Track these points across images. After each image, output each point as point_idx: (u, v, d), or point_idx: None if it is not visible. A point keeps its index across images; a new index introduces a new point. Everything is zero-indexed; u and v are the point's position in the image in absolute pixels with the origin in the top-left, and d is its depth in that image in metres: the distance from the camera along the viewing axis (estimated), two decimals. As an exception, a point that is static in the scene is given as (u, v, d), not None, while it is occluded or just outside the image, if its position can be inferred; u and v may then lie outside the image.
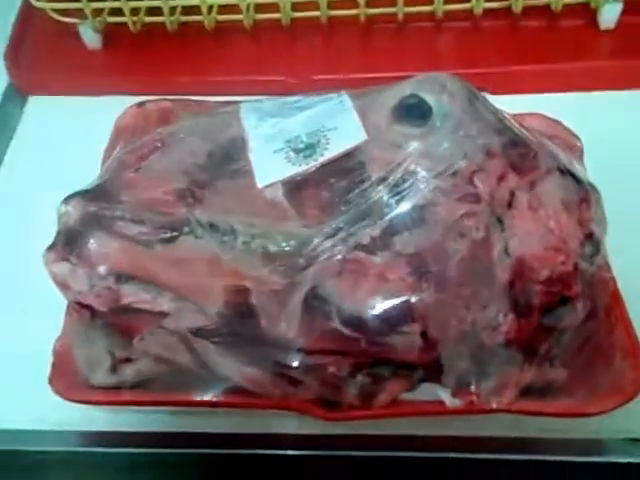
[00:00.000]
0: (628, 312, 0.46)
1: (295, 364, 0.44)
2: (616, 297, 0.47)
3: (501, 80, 0.66)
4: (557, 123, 0.57)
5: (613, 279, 0.47)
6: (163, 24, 0.68)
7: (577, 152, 0.55)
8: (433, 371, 0.44)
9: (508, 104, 0.51)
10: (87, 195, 0.48)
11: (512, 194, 0.45)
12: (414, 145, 0.46)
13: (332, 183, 0.46)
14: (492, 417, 0.45)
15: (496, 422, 0.46)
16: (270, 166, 0.47)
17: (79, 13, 0.67)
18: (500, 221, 0.45)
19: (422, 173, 0.45)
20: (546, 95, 0.66)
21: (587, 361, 0.45)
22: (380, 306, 0.43)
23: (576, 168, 0.49)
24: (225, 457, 0.47)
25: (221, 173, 0.48)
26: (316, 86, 0.60)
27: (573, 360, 0.46)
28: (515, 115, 0.51)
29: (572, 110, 0.59)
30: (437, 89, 0.47)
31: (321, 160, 0.47)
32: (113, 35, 0.70)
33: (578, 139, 0.56)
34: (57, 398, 0.46)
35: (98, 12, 0.67)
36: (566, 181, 0.46)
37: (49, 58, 0.71)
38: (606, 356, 0.45)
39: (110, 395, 0.47)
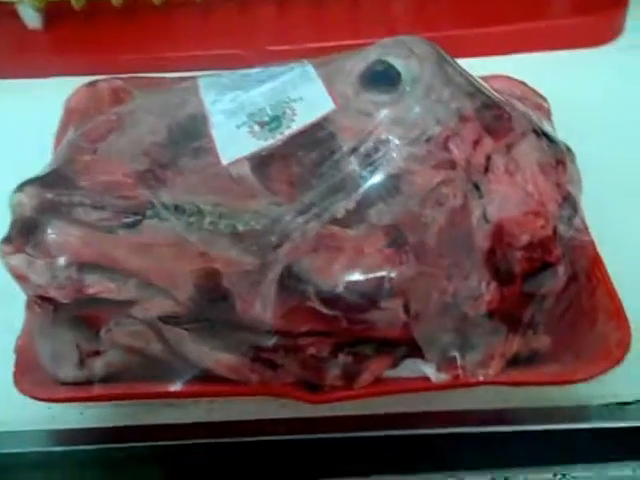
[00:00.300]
0: (608, 273, 0.45)
1: (273, 347, 0.42)
2: (596, 259, 0.46)
3: (460, 43, 0.64)
4: (522, 84, 0.56)
5: (591, 241, 0.46)
6: (108, 0, 0.65)
7: (545, 113, 0.53)
8: (416, 346, 0.43)
9: (469, 67, 0.49)
10: (42, 181, 0.46)
11: (488, 158, 0.44)
12: (384, 112, 0.44)
13: (301, 156, 0.44)
14: (476, 390, 0.43)
15: (480, 395, 0.45)
16: (234, 142, 0.45)
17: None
18: (477, 187, 0.43)
19: (394, 141, 0.43)
20: (506, 56, 0.65)
21: (571, 326, 0.45)
22: (358, 281, 0.41)
23: (548, 129, 0.48)
24: (205, 447, 0.46)
25: (183, 152, 0.46)
26: (271, 57, 0.58)
27: (556, 326, 0.45)
28: (479, 77, 0.49)
29: (534, 70, 0.58)
30: (404, 53, 0.46)
31: (288, 132, 0.45)
32: (55, 13, 0.67)
33: (544, 99, 0.55)
34: (23, 397, 0.43)
35: (37, -11, 0.64)
36: (541, 143, 0.45)
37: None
38: (589, 320, 0.44)
39: (79, 391, 0.44)
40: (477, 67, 0.53)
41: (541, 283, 0.44)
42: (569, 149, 0.47)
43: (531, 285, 0.44)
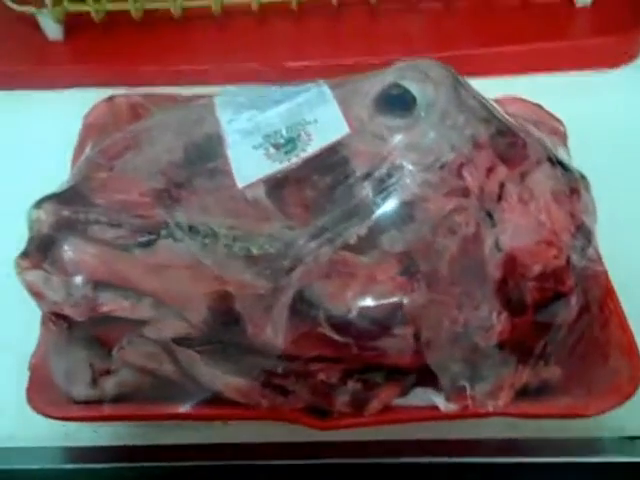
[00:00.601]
0: (621, 305, 0.45)
1: (283, 372, 0.42)
2: (609, 290, 0.46)
3: (477, 61, 0.64)
4: (538, 107, 0.56)
5: (605, 271, 0.46)
6: (127, 12, 0.65)
7: (561, 137, 0.53)
8: (426, 375, 0.43)
9: (485, 87, 0.49)
10: (59, 198, 0.46)
11: (502, 186, 0.44)
12: (399, 137, 0.44)
13: (315, 180, 0.44)
14: (487, 419, 0.43)
15: (491, 424, 0.45)
16: (250, 163, 0.45)
17: (38, 1, 0.64)
18: (490, 215, 0.43)
19: (408, 167, 0.43)
20: (523, 76, 0.65)
21: (582, 358, 0.44)
22: (370, 308, 0.41)
23: (563, 155, 0.48)
24: (212, 469, 0.46)
25: (199, 172, 0.46)
26: (288, 73, 0.59)
27: (568, 358, 0.44)
28: (494, 100, 0.49)
29: (551, 91, 0.58)
30: (420, 77, 0.46)
31: (303, 156, 0.45)
32: (75, 24, 0.67)
33: (561, 123, 0.55)
34: (35, 414, 0.44)
35: (58, 0, 0.64)
36: (556, 171, 0.45)
37: (7, 50, 0.68)
38: (601, 353, 0.44)
39: (91, 410, 0.44)
40: (493, 87, 0.53)
41: (553, 313, 0.43)
42: (584, 177, 0.46)
43: (543, 315, 0.43)
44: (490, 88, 0.51)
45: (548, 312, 0.43)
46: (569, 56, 0.65)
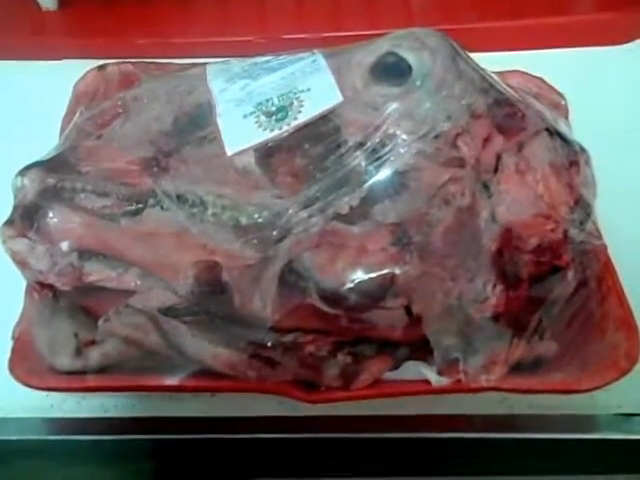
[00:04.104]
0: (620, 280, 0.44)
1: (271, 344, 0.41)
2: (607, 265, 0.45)
3: (478, 36, 0.62)
4: (540, 80, 0.54)
5: (604, 246, 0.45)
6: (123, -18, 0.64)
7: (562, 111, 0.52)
8: (417, 349, 0.42)
9: (485, 62, 0.48)
10: (45, 166, 0.45)
11: (498, 157, 0.43)
12: (393, 106, 0.43)
13: (306, 149, 0.43)
14: (479, 394, 0.42)
15: (483, 399, 0.44)
16: (240, 132, 0.44)
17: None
18: (486, 186, 0.42)
19: (402, 136, 0.42)
20: (525, 52, 0.63)
21: (578, 333, 0.43)
22: (361, 279, 0.40)
23: (563, 128, 0.47)
24: (199, 442, 0.45)
25: (188, 140, 0.45)
26: (286, 46, 0.57)
27: (564, 333, 0.43)
28: (495, 73, 0.48)
29: (554, 67, 0.57)
30: (416, 46, 0.45)
31: (294, 124, 0.44)
32: (70, -6, 0.66)
33: (562, 97, 0.53)
34: (18, 385, 0.43)
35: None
36: (555, 143, 0.44)
37: (1, 21, 0.67)
38: (598, 328, 0.43)
39: (75, 381, 0.43)
40: (495, 62, 0.52)
41: (549, 288, 0.42)
42: (584, 150, 0.45)
43: (539, 289, 0.42)
44: (493, 62, 0.51)
45: (544, 286, 0.42)
46: (572, 32, 0.63)
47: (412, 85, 0.43)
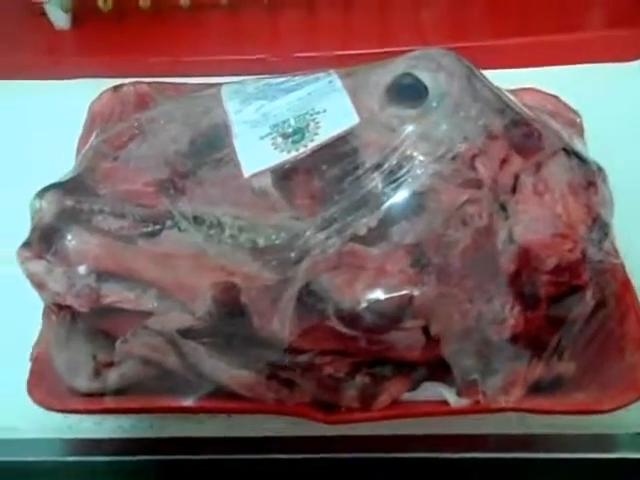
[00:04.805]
0: (639, 299, 0.44)
1: (289, 365, 0.41)
2: (626, 284, 0.45)
3: (492, 53, 0.63)
4: (554, 98, 0.54)
5: (622, 265, 0.45)
6: (135, 1, 0.64)
7: (577, 129, 0.52)
8: (436, 369, 0.42)
9: (500, 79, 0.48)
10: (62, 188, 0.45)
11: (516, 178, 0.43)
12: (410, 128, 0.43)
13: (324, 170, 0.43)
14: (498, 415, 0.42)
15: (502, 419, 0.44)
16: (257, 153, 0.45)
17: (46, -10, 0.64)
18: (504, 207, 0.42)
19: (420, 158, 0.42)
20: (540, 69, 0.64)
21: (597, 353, 0.43)
22: (379, 300, 0.40)
23: (579, 147, 0.47)
24: (216, 462, 0.45)
25: (204, 162, 0.45)
26: (299, 64, 0.58)
27: (583, 353, 0.43)
28: (508, 91, 0.48)
29: (568, 84, 0.57)
30: (433, 67, 0.45)
31: (311, 146, 0.44)
32: (83, 14, 0.67)
33: (577, 114, 0.54)
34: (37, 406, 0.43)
35: (66, -11, 0.64)
36: (572, 162, 0.44)
37: (15, 40, 0.67)
38: (617, 348, 0.43)
39: (93, 402, 0.43)
40: (509, 79, 0.52)
41: (568, 308, 0.42)
42: (601, 169, 0.45)
43: (557, 309, 0.42)
44: (507, 80, 0.51)
45: (563, 306, 0.42)
46: (586, 49, 0.63)
47: (428, 106, 0.43)
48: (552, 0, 0.66)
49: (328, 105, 0.46)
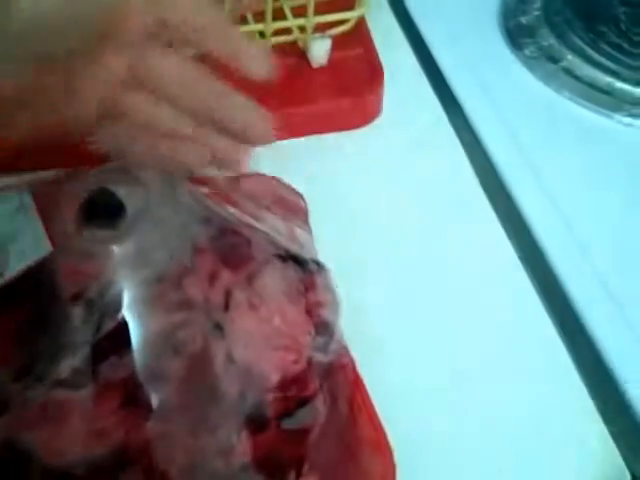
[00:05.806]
0: (371, 398, 0.43)
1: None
2: (357, 382, 0.43)
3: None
4: (277, 181, 0.53)
5: (352, 362, 0.43)
6: None
7: (301, 214, 0.51)
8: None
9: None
10: None
11: (228, 293, 0.40)
12: (109, 251, 0.39)
13: (14, 310, 0.38)
14: None
15: None
16: None
17: None
18: (219, 327, 0.39)
19: (122, 283, 0.39)
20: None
21: (337, 462, 0.41)
22: (90, 452, 0.36)
23: (299, 242, 0.45)
24: None
25: None
26: None
27: (322, 464, 0.41)
28: (232, 179, 0.46)
29: (294, 157, 0.56)
30: (129, 180, 0.41)
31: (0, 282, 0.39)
32: None
33: (301, 197, 0.52)
34: None
35: None
36: (287, 268, 0.42)
37: None
38: (352, 454, 0.41)
39: None
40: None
41: (300, 421, 0.40)
42: (321, 267, 0.44)
43: (289, 423, 0.40)
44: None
45: (294, 420, 0.40)
46: (310, 120, 0.62)
47: (128, 226, 0.40)
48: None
49: (18, 231, 0.41)
